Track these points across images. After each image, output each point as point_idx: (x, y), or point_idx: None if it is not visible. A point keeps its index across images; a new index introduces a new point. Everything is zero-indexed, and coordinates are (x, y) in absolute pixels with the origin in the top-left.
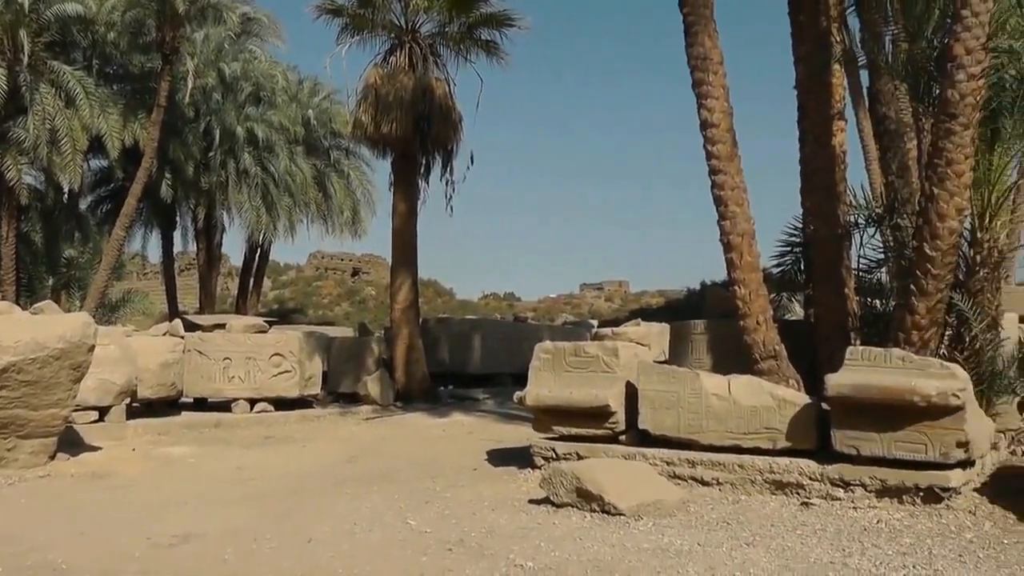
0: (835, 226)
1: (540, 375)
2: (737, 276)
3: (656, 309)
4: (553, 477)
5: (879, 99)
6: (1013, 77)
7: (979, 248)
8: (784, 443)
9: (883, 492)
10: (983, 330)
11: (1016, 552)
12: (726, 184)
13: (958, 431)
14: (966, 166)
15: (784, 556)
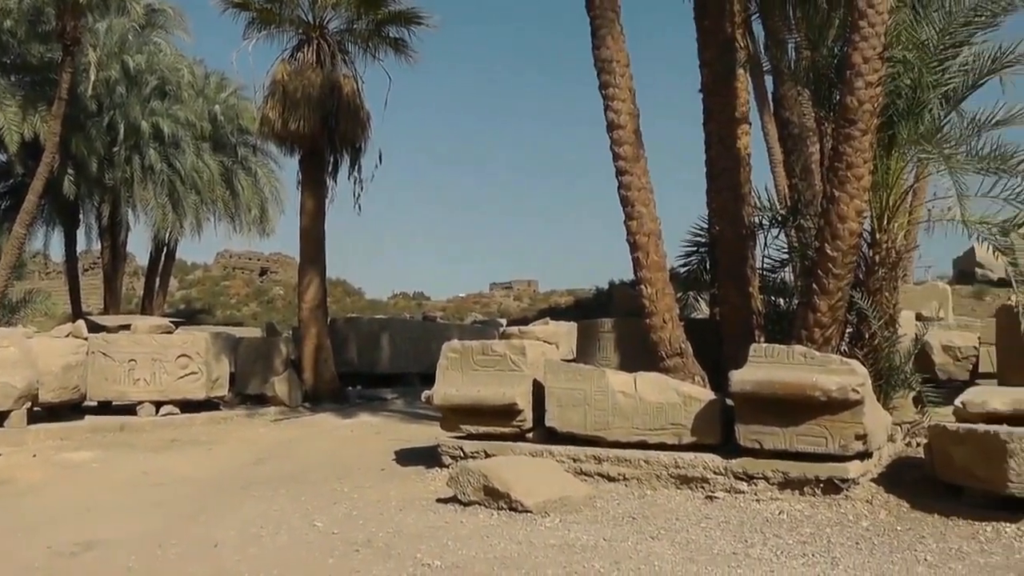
0: (740, 226)
1: (448, 374)
2: (644, 275)
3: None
4: (460, 476)
5: (783, 104)
6: (908, 86)
7: (878, 249)
8: (689, 438)
9: (785, 484)
10: (882, 327)
11: (908, 538)
12: (632, 185)
13: (857, 424)
14: (865, 170)
15: (688, 548)
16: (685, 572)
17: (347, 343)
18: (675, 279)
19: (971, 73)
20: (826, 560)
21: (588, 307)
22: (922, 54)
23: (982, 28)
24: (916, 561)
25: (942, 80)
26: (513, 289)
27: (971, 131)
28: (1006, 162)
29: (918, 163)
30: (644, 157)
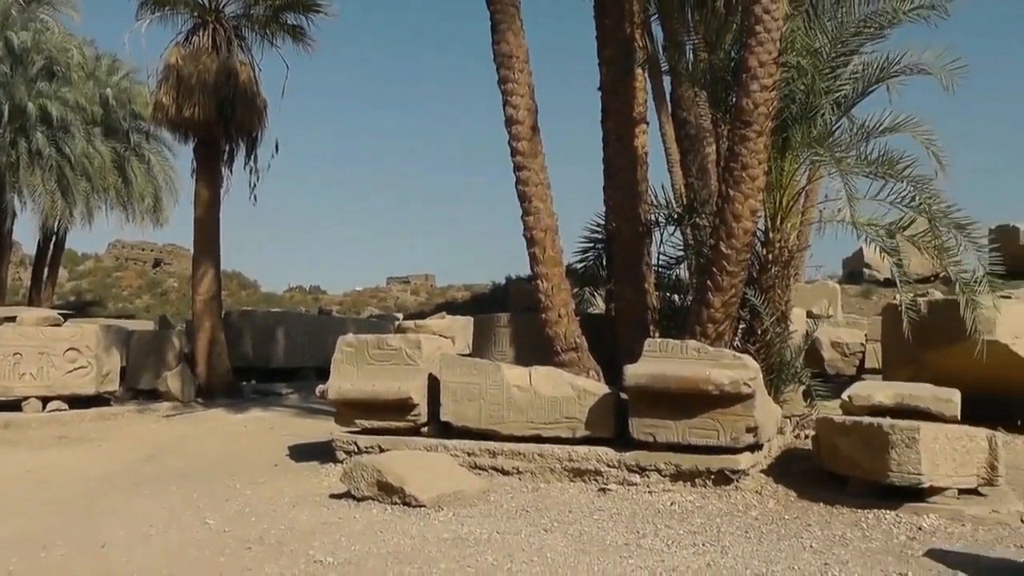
0: (637, 224)
1: (343, 368)
2: (540, 270)
3: (462, 303)
4: (354, 471)
5: (680, 105)
6: (801, 91)
7: (771, 247)
8: (584, 432)
9: (677, 476)
10: (773, 324)
11: (795, 526)
12: (530, 180)
13: (748, 417)
14: (760, 171)
15: (581, 540)
16: (577, 563)
17: (242, 337)
18: (572, 275)
19: (861, 81)
20: (716, 549)
21: (485, 302)
22: (815, 61)
23: (871, 39)
24: (802, 548)
25: (834, 87)
26: (410, 283)
27: (861, 137)
28: (893, 167)
29: (811, 166)
30: (542, 153)
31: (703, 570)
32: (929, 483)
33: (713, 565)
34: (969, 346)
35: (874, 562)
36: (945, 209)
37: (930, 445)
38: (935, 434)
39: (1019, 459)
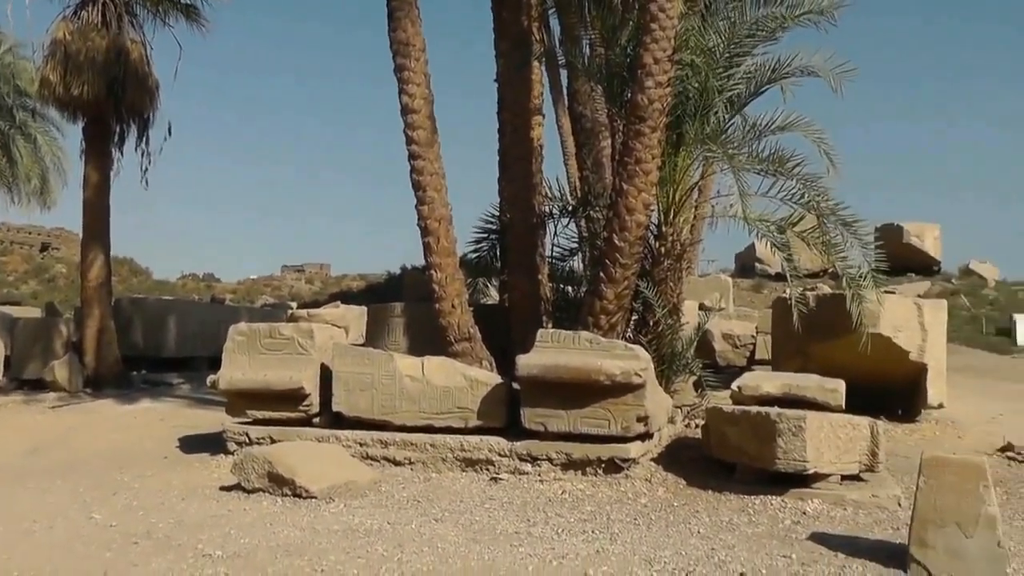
0: (531, 215)
1: (234, 358)
2: (434, 260)
3: (357, 292)
4: (245, 462)
5: (576, 98)
6: (696, 89)
7: (664, 241)
8: (476, 422)
9: (568, 465)
10: (665, 315)
11: (684, 512)
12: (425, 169)
13: (639, 407)
14: (653, 165)
15: (471, 529)
16: (468, 553)
17: (132, 325)
18: (466, 265)
19: (754, 81)
20: (605, 536)
21: (380, 291)
22: (709, 60)
23: (764, 41)
24: (690, 534)
25: (727, 85)
26: (305, 272)
27: (753, 135)
28: (783, 165)
29: (704, 162)
30: (438, 142)
31: (592, 557)
32: (814, 469)
33: (602, 552)
34: (854, 338)
35: (759, 546)
36: (833, 207)
37: (815, 433)
38: (820, 423)
39: (899, 446)
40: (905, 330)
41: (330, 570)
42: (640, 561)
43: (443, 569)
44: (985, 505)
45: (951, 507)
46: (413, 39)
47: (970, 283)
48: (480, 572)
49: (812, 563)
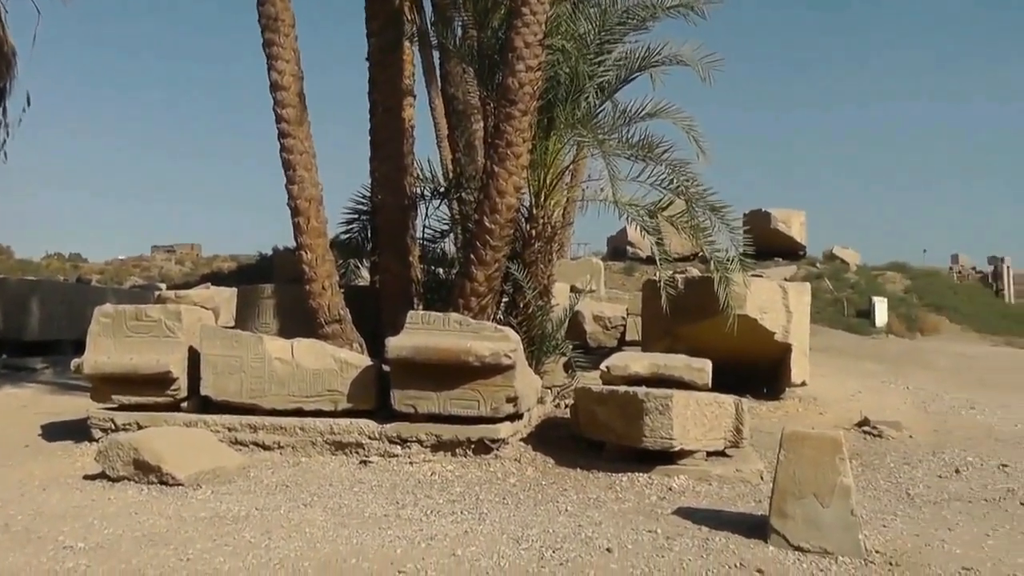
0: (402, 196)
1: (99, 341)
2: (304, 241)
3: (228, 274)
4: (110, 450)
5: (449, 80)
6: (567, 74)
7: (535, 224)
8: (346, 404)
9: (438, 447)
10: (536, 297)
11: (552, 491)
12: (295, 148)
13: (508, 388)
14: (524, 148)
15: (340, 513)
16: (336, 537)
17: None
18: (337, 246)
19: (624, 68)
20: (474, 516)
21: (252, 273)
22: (580, 46)
23: (634, 29)
24: (558, 512)
25: (598, 71)
26: (176, 252)
27: (624, 120)
28: (652, 151)
29: (575, 146)
30: (308, 121)
31: (461, 537)
32: (680, 446)
33: (471, 532)
34: (721, 320)
35: (625, 522)
36: (702, 192)
37: (682, 411)
38: (687, 401)
39: (764, 423)
40: (770, 312)
41: (196, 559)
42: (508, 540)
43: (311, 554)
44: (840, 476)
45: (809, 479)
46: (282, 14)
47: (833, 267)
48: (348, 556)
49: (677, 537)
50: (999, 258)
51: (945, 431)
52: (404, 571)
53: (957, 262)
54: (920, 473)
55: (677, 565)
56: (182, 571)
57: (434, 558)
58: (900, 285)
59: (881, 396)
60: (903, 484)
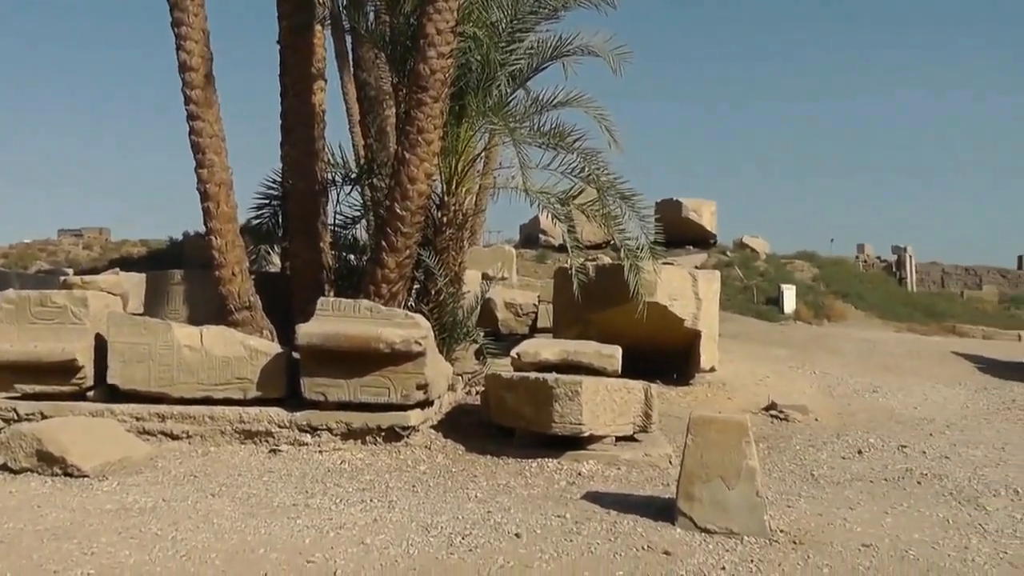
0: (313, 182)
1: (2, 328)
2: (214, 226)
3: (138, 259)
4: (11, 441)
5: (361, 65)
6: (479, 61)
7: (446, 210)
8: (255, 392)
9: (348, 435)
10: (447, 284)
11: (462, 478)
12: (204, 131)
13: (419, 375)
14: (435, 135)
15: (249, 503)
16: (244, 527)
17: None
18: (248, 231)
19: (537, 57)
20: (383, 504)
21: (162, 258)
22: (492, 34)
23: (546, 19)
24: (467, 498)
25: (510, 60)
26: (83, 237)
27: (536, 109)
28: (564, 139)
29: (488, 134)
30: (217, 103)
31: (370, 526)
32: (589, 432)
33: (380, 520)
34: (632, 307)
35: (535, 507)
36: (613, 180)
37: (591, 397)
38: (596, 387)
39: (673, 408)
40: (680, 299)
41: (100, 552)
42: (417, 528)
43: (218, 546)
44: (746, 459)
45: (716, 462)
46: None
47: (743, 256)
48: (256, 547)
49: (585, 521)
50: (902, 248)
51: (849, 414)
52: (312, 561)
53: (863, 252)
54: (824, 455)
55: (585, 549)
56: (86, 565)
57: (342, 547)
58: (808, 273)
59: (788, 381)
60: (808, 466)
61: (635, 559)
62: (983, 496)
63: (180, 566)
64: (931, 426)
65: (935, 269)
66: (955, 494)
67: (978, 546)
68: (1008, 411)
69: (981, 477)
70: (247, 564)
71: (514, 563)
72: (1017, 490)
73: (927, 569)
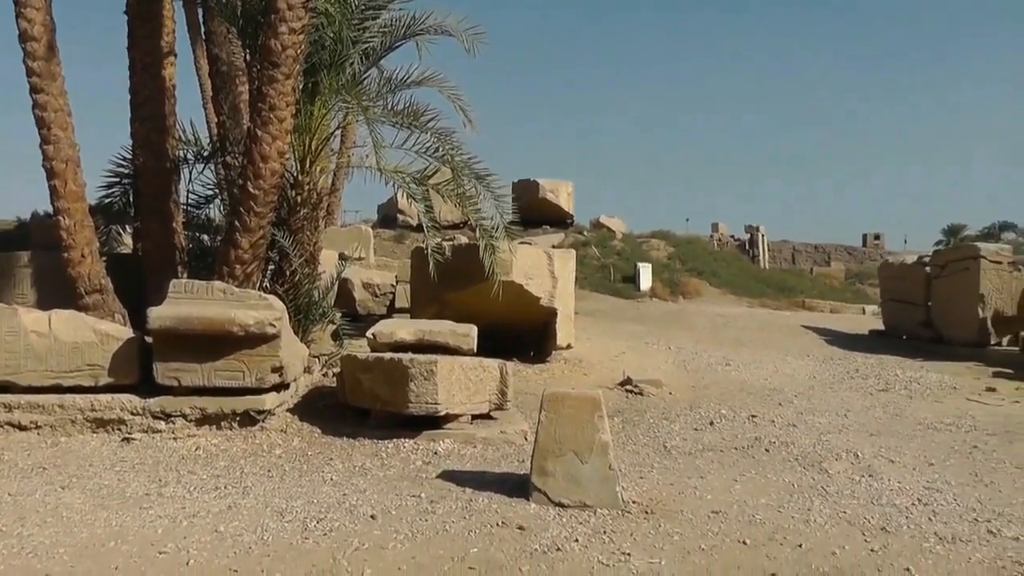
0: (164, 159)
1: None
2: (61, 205)
3: None
4: None
5: (213, 39)
6: (331, 38)
7: (300, 190)
8: (107, 379)
9: (203, 420)
10: (302, 265)
11: (318, 461)
12: (48, 105)
13: (274, 358)
14: (288, 113)
15: (100, 494)
16: (95, 520)
17: None
18: (98, 211)
19: (390, 35)
20: (238, 491)
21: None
22: (344, 10)
23: None
24: (323, 482)
25: (363, 37)
26: None
27: (390, 88)
28: (418, 119)
29: (342, 112)
30: (62, 76)
31: (224, 513)
32: (445, 411)
33: (234, 507)
34: (488, 286)
35: (390, 488)
36: (467, 160)
37: (447, 376)
38: (451, 366)
39: (528, 385)
40: (536, 278)
41: None
42: (272, 513)
43: (67, 540)
44: (599, 433)
45: (569, 437)
46: None
47: (600, 235)
48: (107, 540)
49: (440, 500)
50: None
51: (702, 387)
52: (165, 552)
53: (717, 230)
54: (677, 427)
55: (440, 528)
56: None
57: (196, 536)
58: (664, 252)
59: (644, 356)
60: (661, 438)
61: (489, 535)
62: (826, 460)
63: (26, 564)
64: (780, 396)
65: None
66: (800, 460)
67: (820, 507)
68: (852, 380)
69: (825, 443)
70: (97, 558)
71: (369, 545)
72: (857, 454)
73: (773, 531)
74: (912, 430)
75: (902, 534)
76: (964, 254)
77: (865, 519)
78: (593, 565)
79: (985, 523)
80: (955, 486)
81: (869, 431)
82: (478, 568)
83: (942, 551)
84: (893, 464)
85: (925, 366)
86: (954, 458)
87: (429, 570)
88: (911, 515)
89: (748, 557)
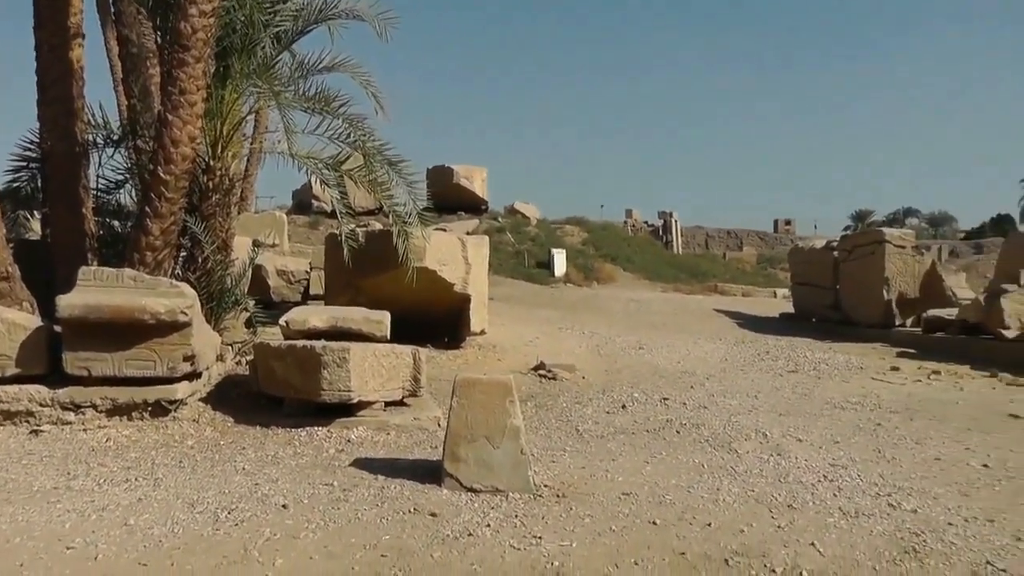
0: (73, 143)
1: None
2: None
3: None
4: None
5: (123, 21)
6: (242, 22)
7: (212, 175)
8: (15, 370)
9: (114, 411)
10: (214, 252)
11: (230, 451)
12: None
13: (185, 346)
14: (198, 96)
15: (6, 489)
16: (0, 515)
17: None
18: (6, 196)
19: (301, 19)
20: (149, 483)
21: None
22: None
23: None
24: (235, 471)
25: (274, 21)
26: None
27: (301, 73)
28: (329, 104)
29: (255, 97)
30: None
31: (134, 505)
32: (358, 398)
33: (145, 499)
34: (402, 272)
35: (303, 476)
36: (379, 147)
37: (359, 363)
38: (364, 353)
39: (442, 371)
40: (450, 264)
41: None
42: (183, 504)
43: None
44: (511, 418)
45: (481, 422)
46: None
47: (515, 221)
48: (12, 536)
49: (353, 488)
50: (668, 213)
51: (615, 371)
52: (72, 547)
53: (631, 216)
54: (590, 411)
55: (352, 516)
56: None
57: (105, 530)
58: (578, 238)
59: (558, 341)
60: (574, 421)
61: (401, 522)
62: (736, 441)
63: None
64: (692, 379)
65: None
66: (711, 441)
67: (729, 487)
68: (762, 362)
69: (735, 424)
70: (2, 555)
71: (280, 535)
72: (765, 433)
73: (682, 511)
74: (820, 409)
75: (808, 510)
76: (870, 239)
77: (772, 497)
78: (504, 549)
79: (886, 497)
80: (859, 462)
81: (778, 411)
82: (390, 555)
83: (845, 525)
84: (800, 443)
85: (833, 347)
86: (859, 436)
87: (341, 558)
88: (816, 491)
89: (658, 537)
